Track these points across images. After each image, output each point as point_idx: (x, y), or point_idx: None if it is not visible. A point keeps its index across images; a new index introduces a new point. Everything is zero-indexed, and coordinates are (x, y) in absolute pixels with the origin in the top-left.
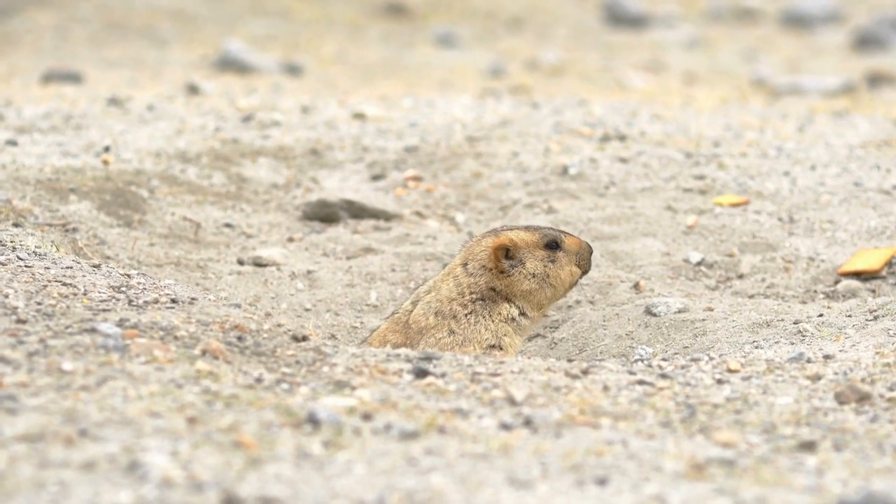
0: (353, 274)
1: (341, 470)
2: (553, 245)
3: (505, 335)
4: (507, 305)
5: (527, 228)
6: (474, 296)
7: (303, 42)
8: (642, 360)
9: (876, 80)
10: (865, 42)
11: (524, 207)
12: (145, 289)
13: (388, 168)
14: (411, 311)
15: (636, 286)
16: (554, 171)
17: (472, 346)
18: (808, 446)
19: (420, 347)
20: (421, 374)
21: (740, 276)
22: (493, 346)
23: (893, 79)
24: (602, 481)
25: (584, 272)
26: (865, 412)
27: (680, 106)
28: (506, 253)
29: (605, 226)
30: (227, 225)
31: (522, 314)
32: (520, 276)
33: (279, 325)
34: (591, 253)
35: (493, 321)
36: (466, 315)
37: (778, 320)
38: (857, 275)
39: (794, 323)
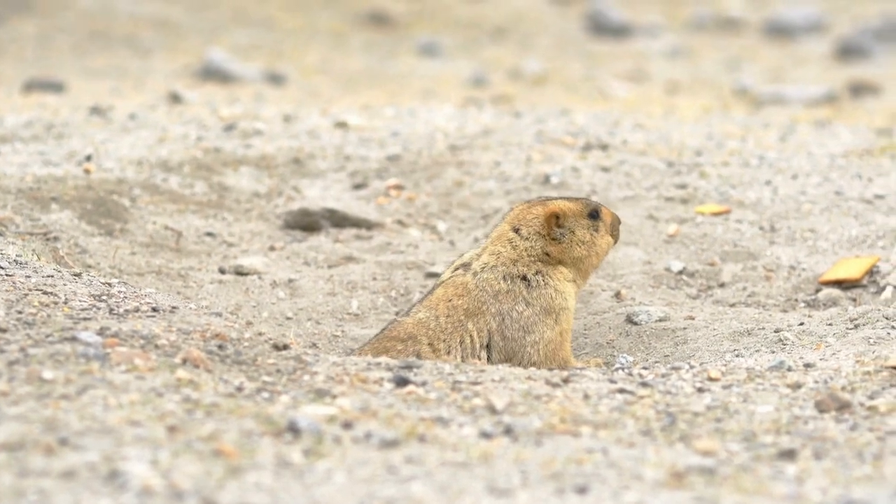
0: (335, 283)
1: (321, 478)
2: (594, 214)
3: (570, 296)
4: (563, 268)
5: (569, 199)
6: (533, 258)
7: (286, 51)
8: (623, 369)
9: (858, 90)
10: (848, 52)
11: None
12: (126, 297)
13: (370, 177)
14: (464, 275)
15: (617, 295)
16: (536, 180)
17: (545, 318)
18: (789, 455)
19: (493, 310)
20: (401, 382)
21: (721, 285)
22: (563, 309)
23: (876, 88)
24: (582, 489)
25: (615, 242)
26: (845, 420)
27: (662, 115)
28: (556, 221)
29: None
30: (209, 234)
31: (573, 280)
32: (570, 244)
33: (260, 334)
34: (619, 223)
35: (557, 281)
36: (534, 275)
37: (759, 329)
38: (838, 283)
39: (775, 331)
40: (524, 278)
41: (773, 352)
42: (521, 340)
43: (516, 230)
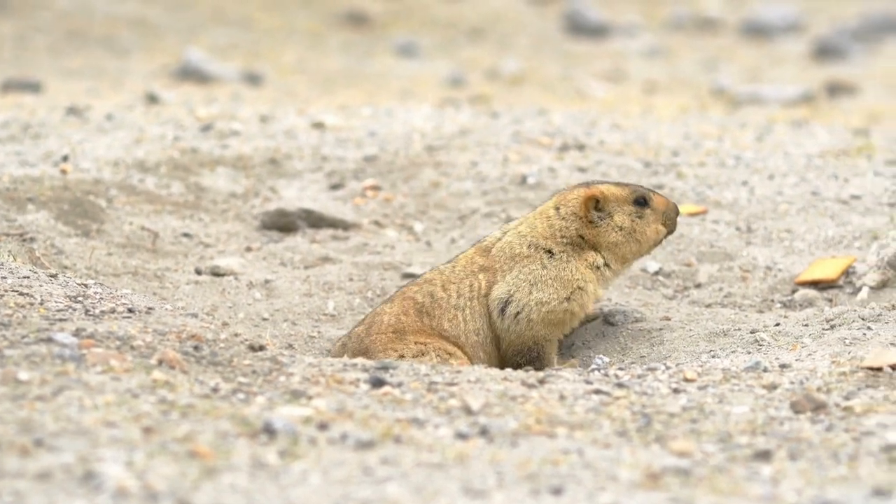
0: (311, 283)
1: (297, 479)
2: (641, 201)
3: (589, 281)
4: (593, 254)
5: (617, 184)
6: (565, 239)
7: (263, 51)
8: (599, 370)
9: (835, 90)
10: (825, 52)
11: (483, 217)
12: (102, 298)
13: (347, 177)
14: (499, 239)
15: None
16: (513, 181)
17: (557, 286)
18: (764, 455)
19: (507, 273)
20: (377, 383)
21: (698, 286)
22: (579, 289)
23: (852, 88)
24: (557, 490)
25: (670, 232)
26: (821, 421)
27: (639, 115)
28: (595, 204)
29: None
30: (185, 234)
31: (607, 265)
32: (607, 228)
33: (236, 335)
34: (677, 213)
35: (581, 265)
36: (560, 252)
37: (735, 329)
38: (815, 284)
39: (751, 332)
40: (549, 251)
41: (749, 352)
42: (526, 296)
43: (557, 209)
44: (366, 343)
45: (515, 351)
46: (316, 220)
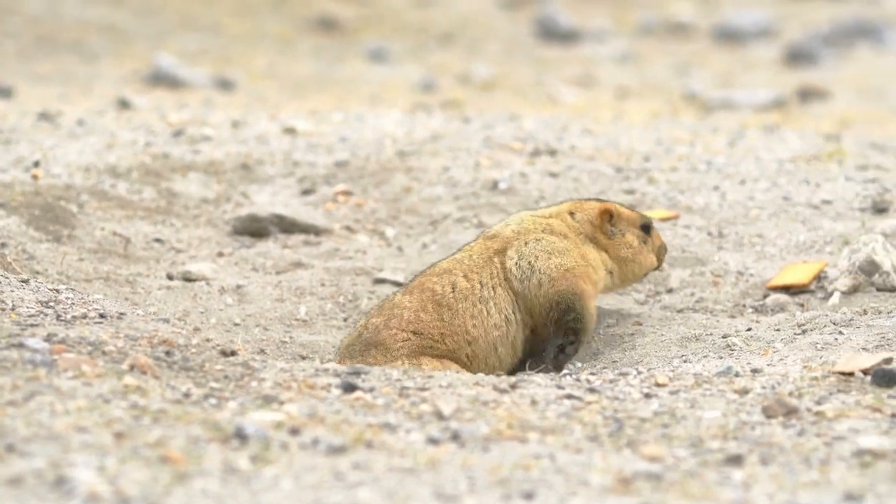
0: (283, 289)
1: (268, 485)
2: (646, 228)
3: (598, 268)
4: (606, 256)
5: (628, 206)
6: (581, 236)
7: (234, 56)
8: (570, 375)
9: (807, 95)
10: (797, 57)
11: (454, 222)
12: (74, 304)
13: (319, 183)
14: (507, 225)
15: None
16: (484, 186)
17: (577, 257)
18: (735, 460)
19: (522, 247)
20: (349, 388)
21: (669, 291)
22: (593, 268)
23: (824, 93)
24: (529, 495)
25: (658, 267)
26: (793, 426)
27: (611, 120)
28: (609, 218)
29: None
30: (157, 240)
31: (611, 273)
32: (619, 243)
33: (207, 340)
34: (666, 252)
35: (593, 255)
36: (576, 237)
37: (706, 334)
38: (786, 289)
39: (723, 337)
40: (564, 236)
41: (721, 357)
42: (545, 260)
43: (571, 213)
44: (383, 335)
45: (550, 317)
46: (287, 226)
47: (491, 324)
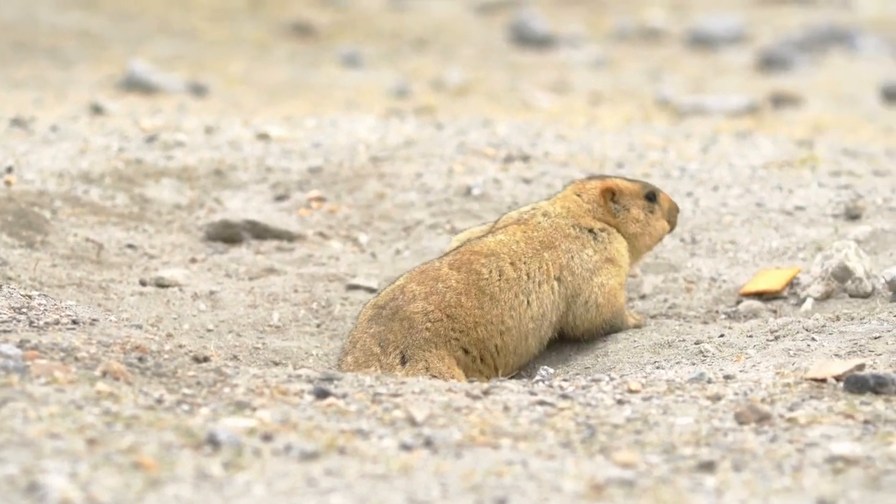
0: (256, 295)
1: (241, 491)
2: (651, 196)
3: (625, 256)
4: (620, 237)
5: (627, 179)
6: (598, 217)
7: (209, 62)
8: (543, 381)
9: (779, 101)
10: (770, 63)
11: (427, 228)
12: (46, 310)
13: (292, 188)
14: (535, 216)
15: None
16: (457, 192)
17: (609, 267)
18: (708, 466)
19: (564, 247)
20: (322, 394)
21: (642, 297)
22: (622, 266)
23: (797, 99)
24: (502, 502)
25: (671, 229)
26: (765, 432)
27: (584, 126)
28: (612, 196)
29: None
30: (130, 246)
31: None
32: (626, 219)
33: (180, 346)
34: (678, 212)
35: (619, 241)
36: (600, 230)
37: (679, 341)
38: (759, 295)
39: (696, 343)
40: (591, 231)
41: (694, 364)
42: (588, 280)
43: (578, 195)
44: (414, 308)
45: (592, 334)
46: (261, 232)
47: (528, 316)
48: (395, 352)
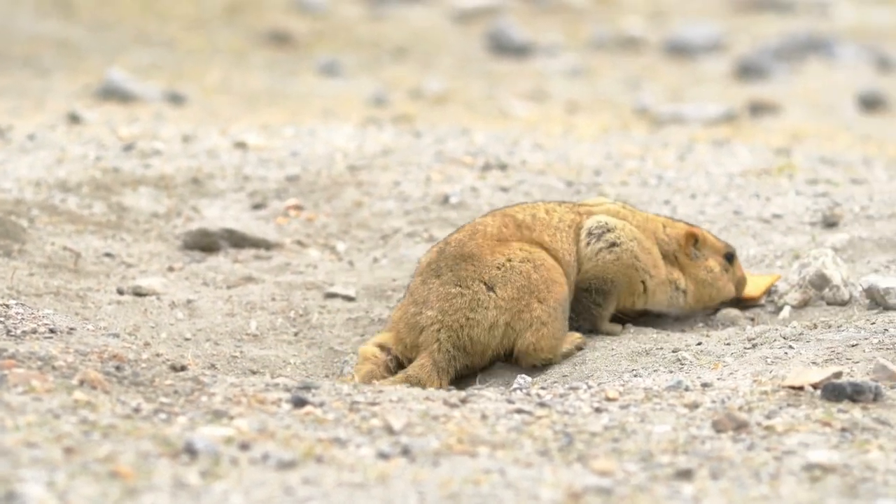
0: (234, 303)
1: (218, 500)
2: (730, 258)
3: (664, 276)
4: (681, 274)
5: (714, 237)
6: (665, 250)
7: (186, 71)
8: (521, 389)
9: (757, 109)
10: (747, 71)
11: (405, 236)
12: (23, 318)
13: (269, 197)
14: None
15: None
16: (435, 200)
17: (652, 257)
18: (685, 474)
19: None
20: (299, 403)
21: None
22: (659, 276)
23: (775, 107)
24: None
25: (733, 297)
26: (743, 440)
27: (561, 134)
28: (694, 242)
29: None
30: (107, 254)
31: (684, 292)
32: (700, 265)
33: (158, 355)
34: (744, 286)
35: (670, 267)
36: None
37: (657, 349)
38: (737, 302)
39: (673, 351)
40: (649, 252)
41: (671, 371)
42: (625, 234)
43: (664, 226)
44: (469, 247)
45: (587, 284)
46: (238, 240)
47: (566, 249)
48: (477, 283)
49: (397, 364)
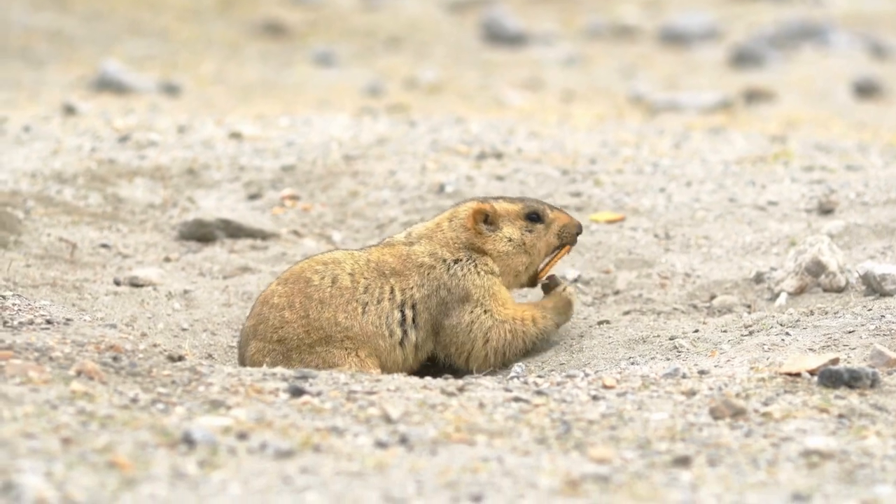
0: (230, 293)
1: (216, 489)
2: (533, 217)
3: (493, 285)
4: (489, 260)
5: (511, 199)
6: (458, 244)
7: (181, 62)
8: (518, 378)
9: (752, 97)
10: (742, 59)
11: (401, 225)
12: (20, 310)
13: (265, 187)
14: (410, 246)
15: None
16: (431, 189)
17: (470, 305)
18: (683, 461)
19: (417, 280)
20: (297, 392)
21: (616, 293)
22: (487, 295)
23: (770, 95)
24: (477, 498)
25: (564, 245)
26: (740, 427)
27: (557, 123)
28: (484, 218)
29: None
30: (104, 245)
31: (500, 275)
32: (496, 240)
33: (155, 346)
34: (578, 230)
35: (478, 274)
36: (455, 262)
37: (654, 336)
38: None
39: (670, 339)
40: (444, 261)
41: (668, 359)
42: (460, 334)
43: (450, 220)
44: (249, 351)
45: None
46: (234, 230)
47: (368, 321)
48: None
49: None
